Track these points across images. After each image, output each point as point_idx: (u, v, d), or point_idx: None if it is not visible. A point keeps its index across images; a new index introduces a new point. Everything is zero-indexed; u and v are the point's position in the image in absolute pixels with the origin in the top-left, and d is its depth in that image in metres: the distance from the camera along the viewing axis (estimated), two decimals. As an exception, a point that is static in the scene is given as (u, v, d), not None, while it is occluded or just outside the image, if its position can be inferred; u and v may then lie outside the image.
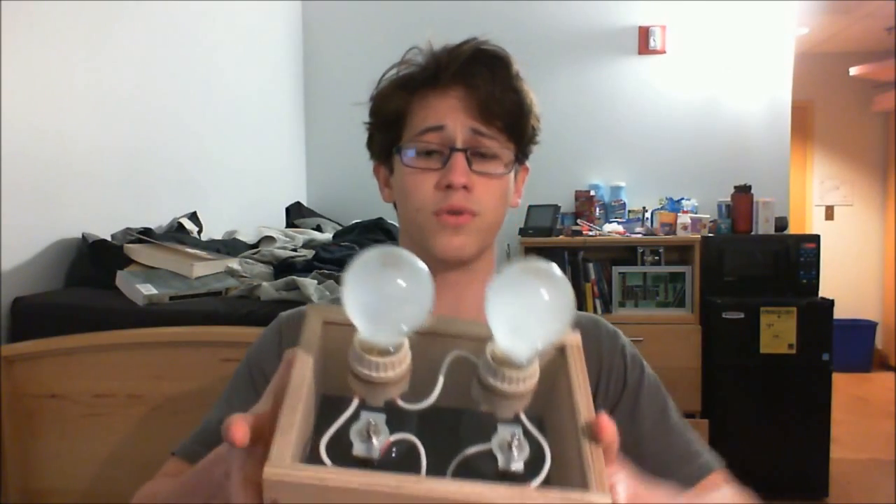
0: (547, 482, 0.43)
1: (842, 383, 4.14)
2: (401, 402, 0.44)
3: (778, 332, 2.90)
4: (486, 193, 0.78)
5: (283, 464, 0.38)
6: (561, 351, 0.50)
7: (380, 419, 0.43)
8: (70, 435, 1.39)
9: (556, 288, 0.43)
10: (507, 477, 0.43)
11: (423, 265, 0.43)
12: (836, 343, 2.92)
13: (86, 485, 1.40)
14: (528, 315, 0.43)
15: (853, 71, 4.78)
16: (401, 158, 0.79)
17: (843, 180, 5.43)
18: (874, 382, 4.87)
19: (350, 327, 0.44)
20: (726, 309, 2.95)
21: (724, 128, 3.50)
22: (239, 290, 1.61)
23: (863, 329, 5.16)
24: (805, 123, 5.32)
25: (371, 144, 0.86)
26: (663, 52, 3.50)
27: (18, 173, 1.57)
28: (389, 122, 0.81)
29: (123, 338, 1.39)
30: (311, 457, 0.42)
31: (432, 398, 0.44)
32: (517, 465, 0.44)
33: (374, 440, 0.42)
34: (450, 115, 0.77)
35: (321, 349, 0.47)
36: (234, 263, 1.73)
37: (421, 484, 0.38)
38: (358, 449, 0.42)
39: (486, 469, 0.44)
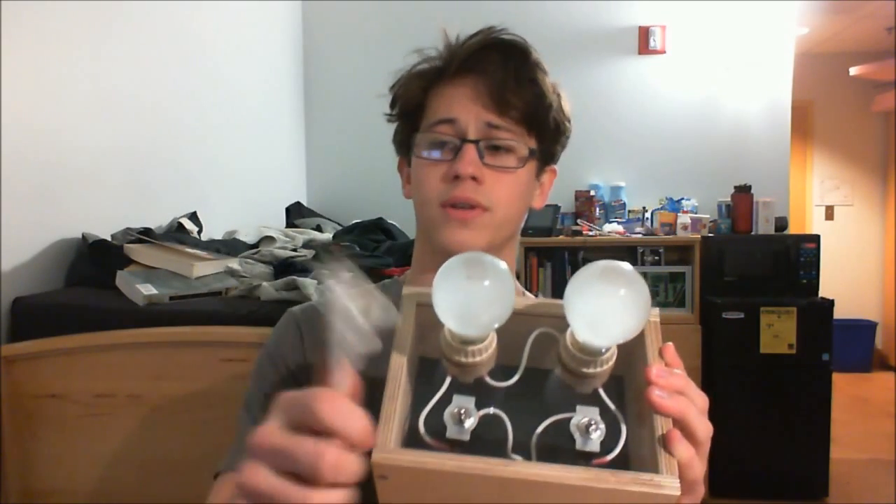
0: (625, 453, 0.47)
1: (842, 383, 4.15)
2: (489, 380, 0.49)
3: (778, 332, 2.90)
4: (498, 187, 0.76)
5: (386, 449, 0.44)
6: None
7: (469, 402, 0.48)
8: (70, 435, 1.39)
9: (632, 288, 0.45)
10: (585, 455, 0.47)
11: (503, 266, 0.46)
12: (836, 343, 2.92)
13: (86, 485, 1.40)
14: (605, 314, 0.45)
15: (853, 71, 4.78)
16: (414, 149, 0.79)
17: (843, 180, 5.43)
18: (874, 382, 4.86)
19: None
20: (726, 309, 2.95)
21: (724, 128, 3.50)
22: (239, 290, 1.61)
23: (863, 329, 5.16)
24: (805, 123, 5.31)
25: (394, 138, 0.85)
26: (663, 52, 3.50)
27: (18, 173, 1.57)
28: (407, 113, 0.81)
29: (123, 338, 1.39)
30: (412, 431, 0.47)
31: (516, 377, 0.49)
32: (593, 447, 0.47)
33: (465, 423, 0.47)
34: (462, 107, 0.75)
35: (416, 325, 0.52)
36: (234, 263, 1.73)
37: (507, 467, 0.43)
38: (451, 432, 0.47)
39: (566, 437, 0.48)
